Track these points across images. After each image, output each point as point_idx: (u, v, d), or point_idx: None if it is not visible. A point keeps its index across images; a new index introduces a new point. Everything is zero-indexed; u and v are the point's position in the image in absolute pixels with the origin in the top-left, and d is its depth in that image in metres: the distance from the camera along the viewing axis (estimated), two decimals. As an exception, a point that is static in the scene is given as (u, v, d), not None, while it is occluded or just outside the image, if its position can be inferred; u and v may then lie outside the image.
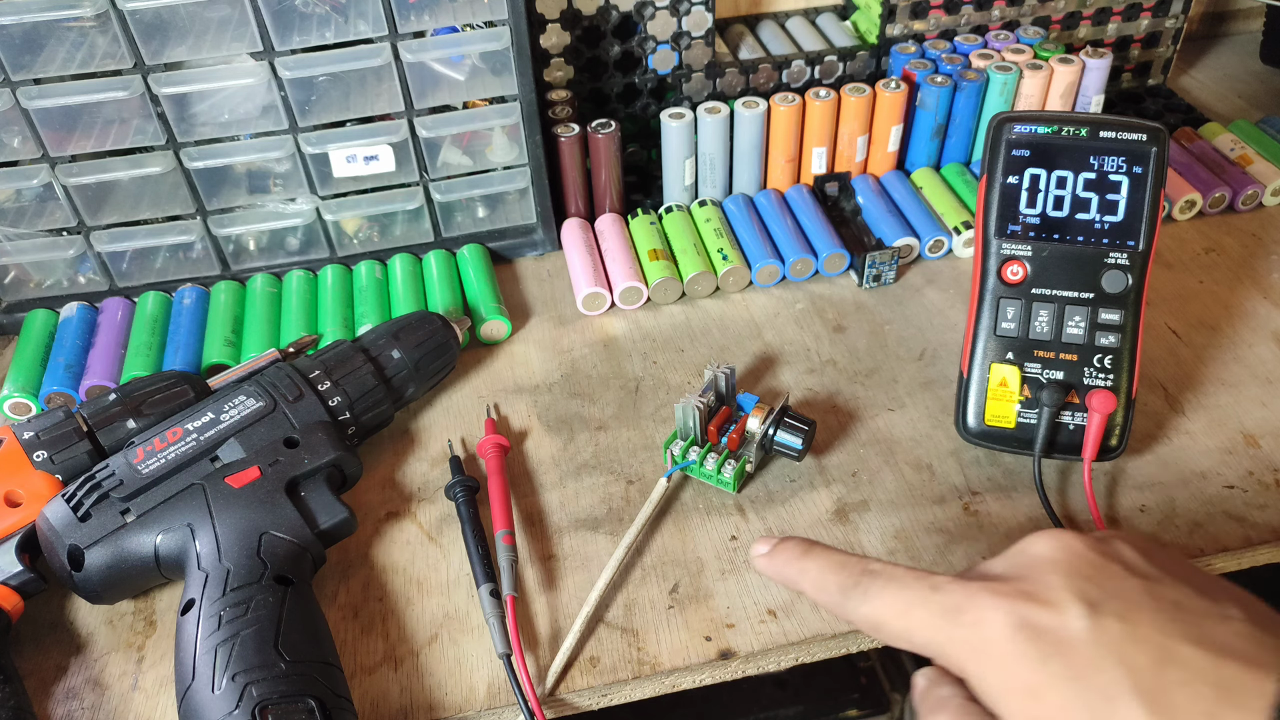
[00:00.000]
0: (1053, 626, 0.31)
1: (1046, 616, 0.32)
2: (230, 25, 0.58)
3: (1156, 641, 0.31)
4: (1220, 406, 0.57)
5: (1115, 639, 0.31)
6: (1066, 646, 0.31)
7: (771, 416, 0.53)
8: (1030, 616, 0.32)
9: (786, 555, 0.39)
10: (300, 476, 0.50)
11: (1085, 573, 0.33)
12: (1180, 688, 0.30)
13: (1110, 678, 0.30)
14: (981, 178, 0.53)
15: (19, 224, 0.63)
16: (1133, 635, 0.31)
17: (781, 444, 0.53)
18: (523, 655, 0.46)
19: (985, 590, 0.33)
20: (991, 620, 0.32)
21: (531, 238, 0.71)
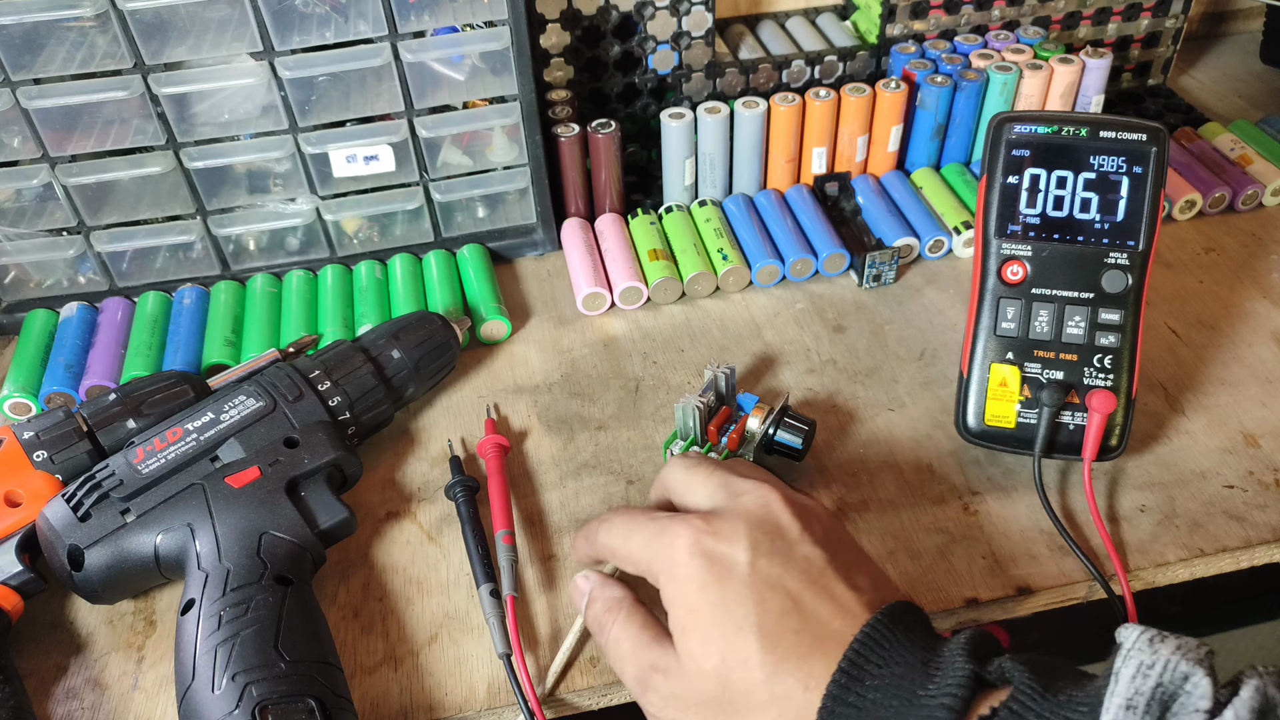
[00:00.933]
0: (721, 557, 0.39)
1: (720, 548, 0.40)
2: (230, 25, 0.58)
3: (791, 591, 0.39)
4: (1220, 406, 0.57)
5: (761, 580, 0.39)
6: (725, 576, 0.39)
7: (771, 416, 0.53)
8: (708, 544, 0.40)
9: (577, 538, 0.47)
10: (300, 476, 0.50)
11: (767, 527, 0.41)
12: (791, 634, 0.38)
13: (744, 611, 0.38)
14: (981, 178, 0.53)
15: (19, 224, 0.63)
16: (774, 580, 0.39)
17: (782, 443, 0.53)
18: (523, 655, 0.46)
19: (682, 519, 0.41)
20: (680, 541, 0.40)
21: (531, 238, 0.71)
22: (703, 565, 0.39)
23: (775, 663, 0.37)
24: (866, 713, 0.36)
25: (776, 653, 0.38)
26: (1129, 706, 0.32)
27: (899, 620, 0.39)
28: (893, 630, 0.38)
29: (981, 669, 0.36)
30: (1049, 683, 0.35)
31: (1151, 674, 0.33)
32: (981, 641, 0.38)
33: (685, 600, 0.40)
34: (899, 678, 0.36)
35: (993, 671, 0.36)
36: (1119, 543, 0.50)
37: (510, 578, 0.48)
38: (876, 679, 0.36)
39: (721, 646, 0.38)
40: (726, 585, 0.39)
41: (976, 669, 0.36)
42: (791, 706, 0.37)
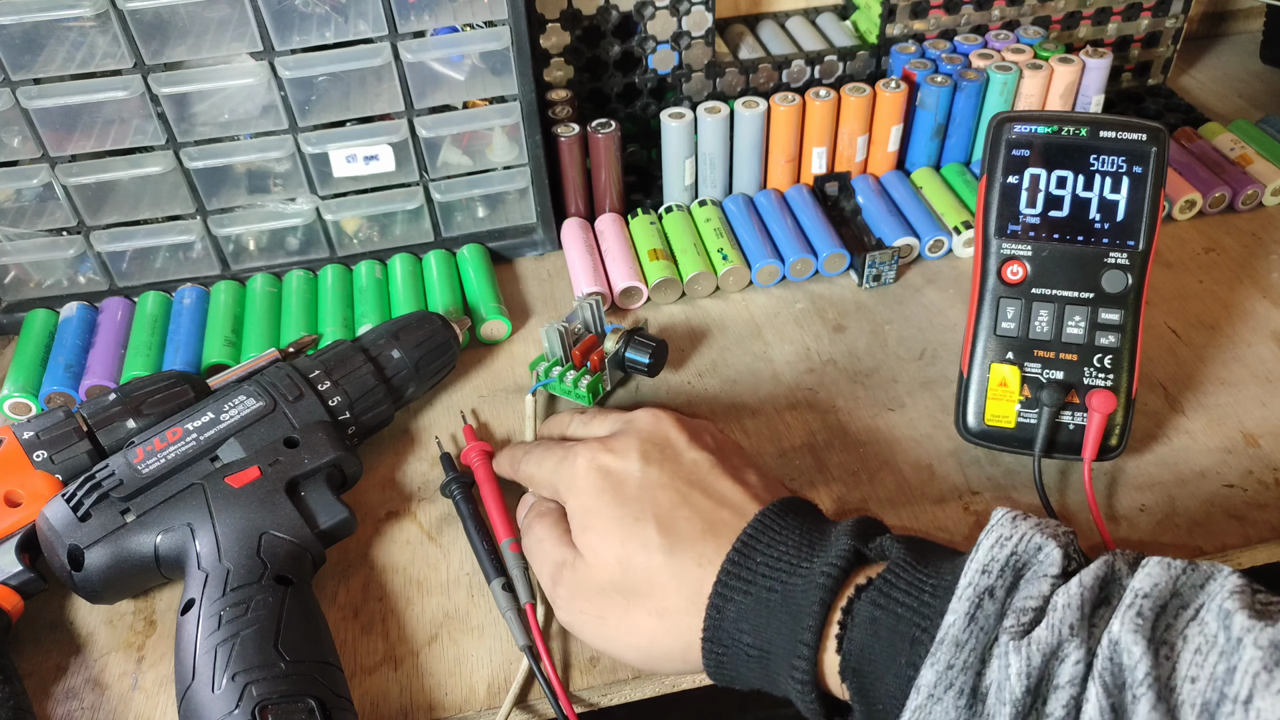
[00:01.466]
0: (614, 468, 0.45)
1: (614, 462, 0.45)
2: (230, 25, 0.58)
3: (681, 489, 0.43)
4: (1220, 406, 0.57)
5: (653, 483, 0.44)
6: (619, 484, 0.44)
7: (623, 337, 0.58)
8: (604, 461, 0.45)
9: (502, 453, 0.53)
10: (300, 476, 0.50)
11: (656, 440, 0.46)
12: (684, 521, 0.42)
13: (640, 507, 0.43)
14: (981, 177, 0.53)
15: (19, 224, 0.63)
16: (665, 482, 0.44)
17: (632, 359, 0.58)
18: (550, 658, 0.46)
19: (583, 444, 0.47)
20: (580, 461, 0.46)
21: (531, 238, 0.71)
22: (599, 476, 0.45)
23: (671, 545, 0.42)
24: (755, 584, 0.40)
25: (672, 536, 0.42)
26: (984, 571, 0.36)
27: (790, 509, 0.42)
28: (783, 516, 0.42)
29: (863, 545, 0.40)
30: (921, 556, 0.38)
31: (1008, 544, 0.37)
32: (866, 523, 0.41)
33: (584, 505, 0.45)
34: (785, 554, 0.40)
35: (873, 548, 0.40)
36: (1119, 542, 0.50)
37: (525, 585, 0.48)
38: (765, 555, 0.40)
39: (620, 535, 0.43)
40: (621, 489, 0.44)
41: (857, 545, 0.39)
42: (688, 582, 0.41)
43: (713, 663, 0.41)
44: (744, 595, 0.40)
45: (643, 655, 0.43)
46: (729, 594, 0.40)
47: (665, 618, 0.41)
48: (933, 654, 0.34)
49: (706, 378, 0.61)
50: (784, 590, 0.39)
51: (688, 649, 0.41)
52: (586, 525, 0.44)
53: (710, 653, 0.40)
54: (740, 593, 0.40)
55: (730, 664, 0.40)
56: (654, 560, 0.42)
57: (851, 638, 0.37)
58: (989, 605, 0.35)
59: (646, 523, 0.42)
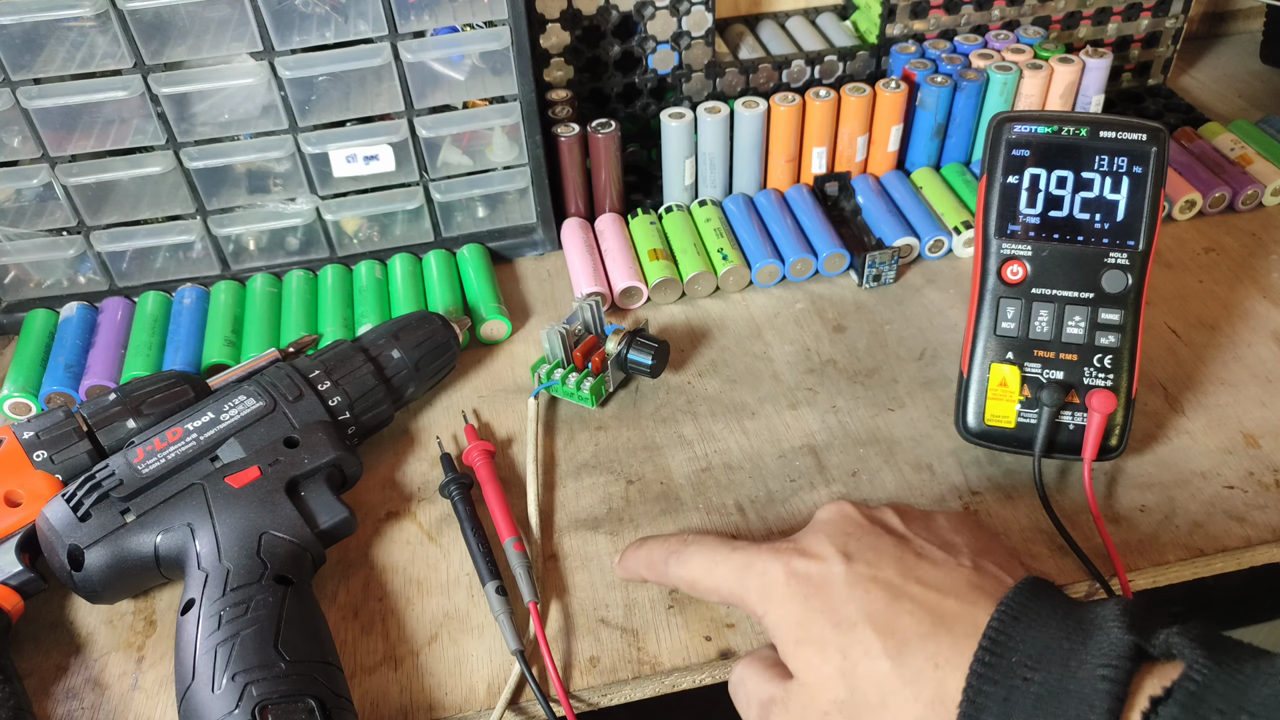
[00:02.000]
0: (815, 573, 0.40)
1: (813, 566, 0.40)
2: (230, 25, 0.58)
3: (894, 583, 0.39)
4: (1220, 406, 0.57)
5: (861, 580, 0.39)
6: (824, 587, 0.39)
7: (625, 338, 0.58)
8: (800, 566, 0.40)
9: (629, 554, 0.48)
10: (300, 476, 0.50)
11: (848, 531, 0.41)
12: (906, 616, 0.37)
13: (852, 609, 0.38)
14: (981, 178, 0.53)
15: (19, 224, 0.63)
16: (875, 578, 0.39)
17: (634, 361, 0.58)
18: (552, 659, 0.46)
19: (769, 548, 0.42)
20: (772, 570, 0.40)
21: (531, 238, 0.71)
22: (800, 584, 0.40)
23: (898, 646, 0.37)
24: (1014, 686, 0.34)
25: (896, 637, 0.37)
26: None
27: (1036, 592, 0.37)
28: (1032, 602, 0.36)
29: (1144, 640, 0.34)
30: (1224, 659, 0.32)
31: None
32: (1135, 608, 0.35)
33: (792, 619, 0.39)
34: (1046, 648, 0.34)
35: (1156, 645, 0.34)
36: (1119, 542, 0.50)
37: (529, 584, 0.48)
38: (1020, 651, 0.35)
39: (840, 646, 0.38)
40: (828, 592, 0.39)
41: (1136, 639, 0.34)
42: (927, 687, 0.36)
43: None
44: (999, 700, 0.34)
45: None
46: (983, 700, 0.34)
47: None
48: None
49: (706, 378, 0.61)
50: (1052, 693, 0.33)
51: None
52: (800, 639, 0.39)
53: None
54: (995, 698, 0.34)
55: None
56: (880, 667, 0.36)
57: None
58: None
59: (864, 626, 0.37)
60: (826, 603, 0.39)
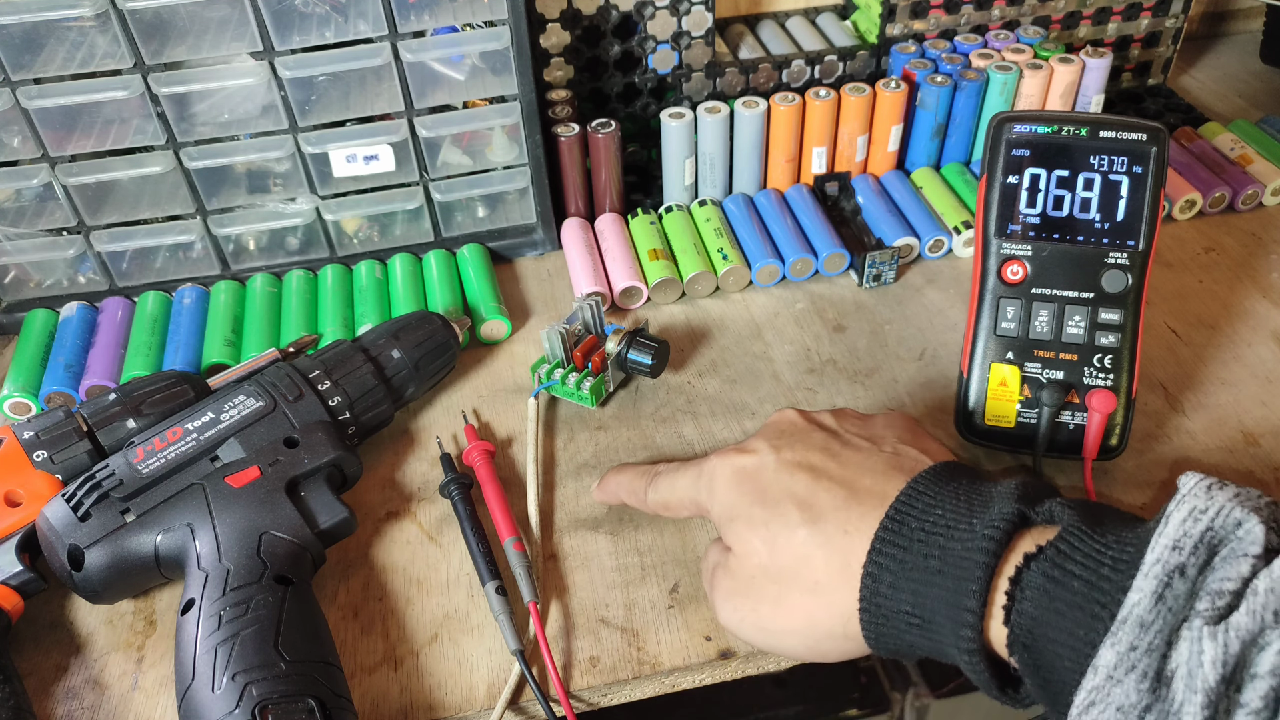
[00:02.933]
0: (750, 464, 0.44)
1: (748, 459, 0.44)
2: (230, 25, 0.58)
3: (816, 465, 0.42)
4: (1220, 406, 0.57)
5: (787, 465, 0.43)
6: (756, 474, 0.43)
7: (625, 338, 0.58)
8: (738, 460, 0.44)
9: (609, 479, 0.51)
10: (300, 476, 0.50)
11: (784, 429, 0.46)
12: (824, 493, 0.41)
13: (778, 490, 0.42)
14: (981, 177, 0.53)
15: (19, 224, 0.63)
16: (799, 462, 0.43)
17: (634, 361, 0.58)
18: (552, 659, 0.46)
19: (716, 454, 0.46)
20: (718, 469, 0.45)
21: (531, 237, 0.71)
22: (736, 475, 0.44)
23: (814, 517, 0.41)
24: (910, 549, 0.38)
25: (813, 510, 0.41)
26: (1175, 547, 0.33)
27: (946, 472, 0.41)
28: (938, 479, 0.40)
29: (1029, 509, 0.37)
30: (1097, 523, 0.35)
31: (1203, 518, 0.33)
32: (1031, 485, 0.39)
33: (727, 505, 0.44)
34: (942, 517, 0.38)
35: (1040, 512, 0.37)
36: (1119, 542, 0.50)
37: (529, 584, 0.48)
38: (919, 520, 0.39)
39: (764, 519, 0.42)
40: (758, 479, 0.43)
41: (1023, 508, 0.37)
42: (836, 551, 0.40)
43: (873, 634, 0.39)
44: (899, 562, 0.38)
45: (804, 640, 0.41)
46: (883, 561, 0.38)
47: (819, 594, 0.40)
48: (1113, 633, 0.32)
49: (706, 378, 0.61)
50: (942, 554, 0.37)
51: (846, 623, 0.40)
52: (733, 517, 0.43)
53: (869, 624, 0.39)
54: (895, 560, 0.38)
55: (891, 634, 0.39)
56: (797, 536, 0.41)
57: (1021, 610, 0.35)
58: (1179, 585, 0.32)
59: (786, 503, 0.42)
60: (756, 486, 0.43)
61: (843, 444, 0.44)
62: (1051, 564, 0.35)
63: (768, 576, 0.42)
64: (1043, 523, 0.37)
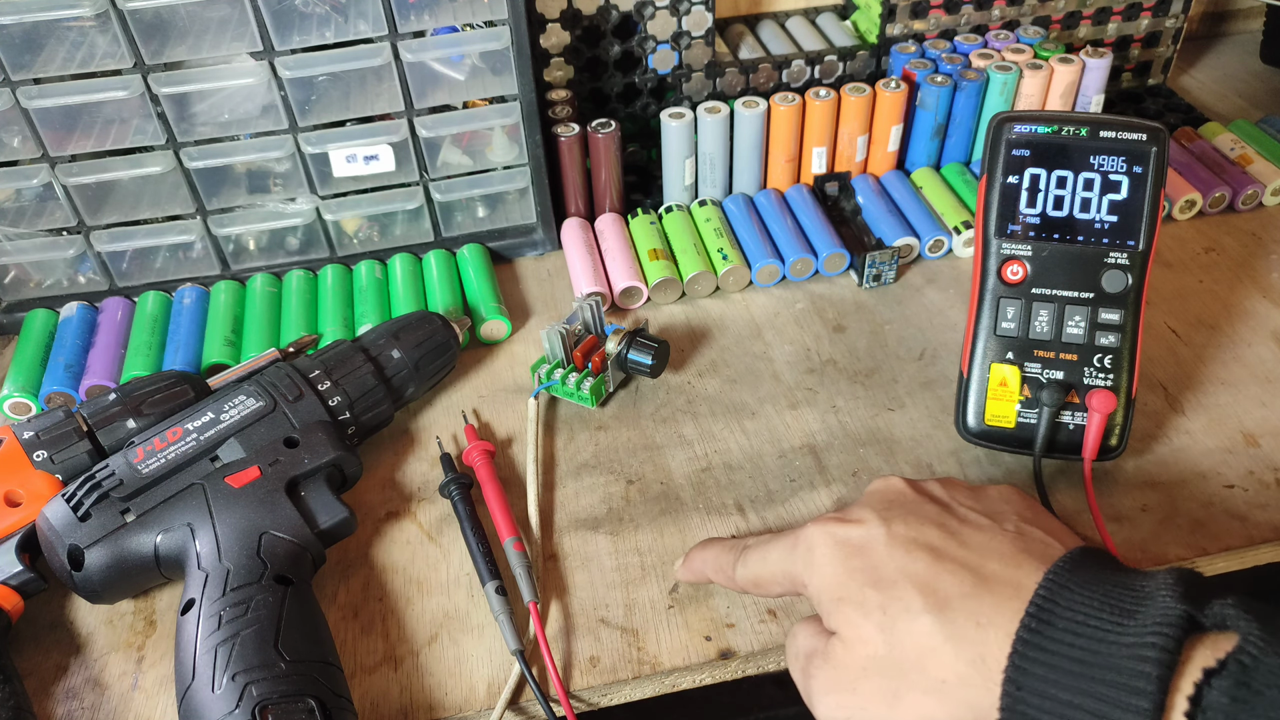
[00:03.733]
0: (856, 537, 0.40)
1: (854, 530, 0.40)
2: (230, 25, 0.58)
3: (935, 545, 0.38)
4: (1220, 406, 0.57)
5: (901, 542, 0.39)
6: (865, 550, 0.39)
7: (625, 338, 0.58)
8: (841, 532, 0.40)
9: (695, 556, 0.47)
10: (300, 476, 0.50)
11: (892, 499, 0.42)
12: (948, 576, 0.37)
13: (893, 569, 0.38)
14: (981, 177, 0.53)
15: (19, 224, 0.63)
16: (915, 540, 0.39)
17: (634, 361, 0.58)
18: (552, 659, 0.46)
19: (814, 522, 0.42)
20: (817, 540, 0.41)
21: (531, 237, 0.71)
22: (841, 548, 0.40)
23: (939, 605, 0.36)
24: (1059, 652, 0.34)
25: (938, 596, 0.36)
26: None
27: (1085, 561, 0.36)
28: (1079, 570, 0.36)
29: (1196, 610, 0.33)
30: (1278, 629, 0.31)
31: None
32: (1187, 578, 0.35)
33: (832, 580, 0.39)
34: (1094, 614, 0.34)
35: (1210, 615, 0.33)
36: (1120, 542, 0.50)
37: (529, 584, 0.48)
38: (1067, 616, 0.34)
39: (879, 603, 0.37)
40: (869, 554, 0.39)
41: (1189, 610, 0.33)
42: (968, 645, 0.35)
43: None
44: (1047, 666, 0.33)
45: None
46: (1027, 665, 0.34)
47: (945, 694, 0.35)
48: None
49: (706, 378, 0.61)
50: (1101, 660, 0.33)
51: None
52: (840, 599, 0.39)
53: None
54: (1042, 664, 0.33)
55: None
56: (920, 625, 0.36)
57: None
58: None
59: (904, 585, 0.37)
60: (867, 563, 0.39)
61: (960, 521, 0.40)
62: (1237, 683, 0.31)
63: (882, 671, 0.37)
64: (1213, 628, 0.33)
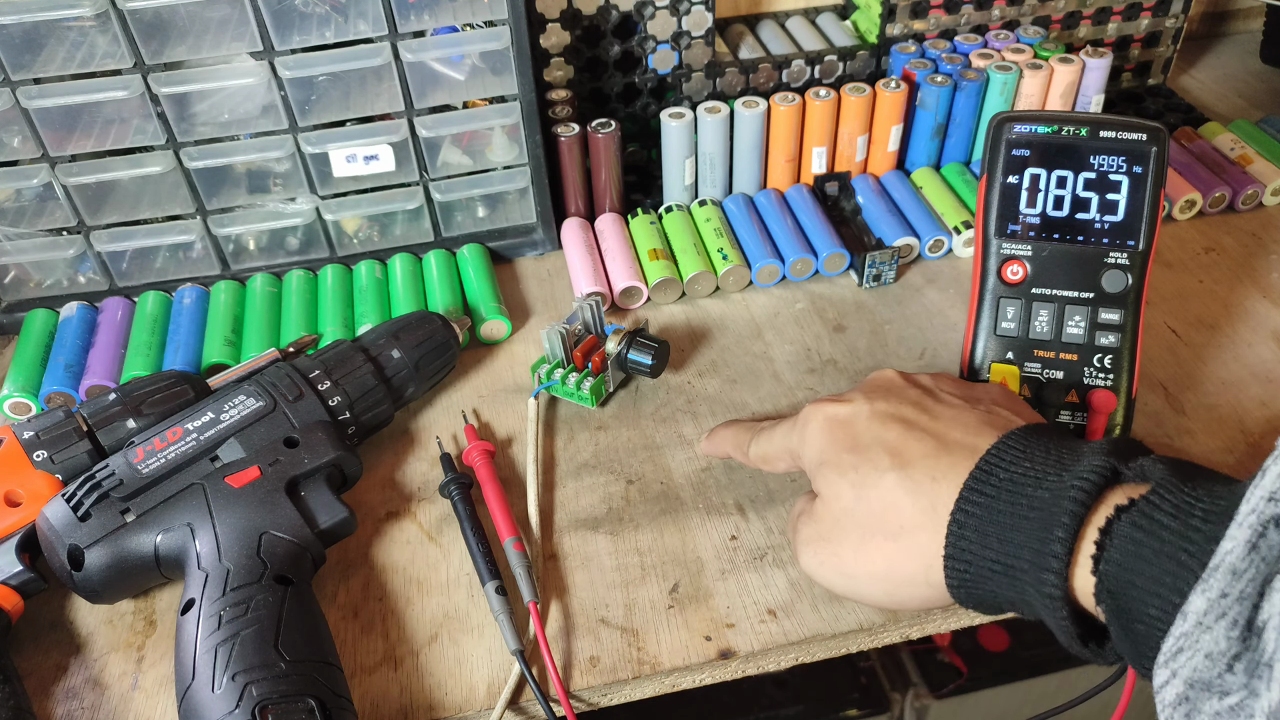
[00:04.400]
0: (843, 413, 0.45)
1: (842, 408, 0.45)
2: (230, 25, 0.58)
3: (909, 418, 0.44)
4: (1220, 406, 0.57)
5: (880, 416, 0.44)
6: (849, 423, 0.45)
7: (625, 338, 0.58)
8: (831, 409, 0.46)
9: (717, 434, 0.54)
10: (300, 476, 0.50)
11: (881, 385, 0.47)
12: (914, 442, 0.42)
13: (869, 438, 0.43)
14: (981, 177, 0.53)
15: (19, 224, 0.63)
16: (892, 414, 0.44)
17: (634, 361, 0.58)
18: (552, 659, 0.46)
19: (811, 404, 0.47)
20: (811, 416, 0.46)
21: (531, 237, 0.71)
22: (829, 424, 0.45)
23: (903, 464, 0.41)
24: (998, 498, 0.39)
25: (902, 458, 0.42)
26: (1272, 499, 0.32)
27: (1037, 429, 0.41)
28: (1029, 435, 0.41)
29: (1121, 464, 0.38)
30: (1189, 478, 0.36)
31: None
32: (1124, 442, 0.39)
33: (818, 450, 0.45)
34: (1032, 469, 0.39)
35: (1132, 468, 0.38)
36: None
37: (529, 584, 0.48)
38: (1009, 470, 0.39)
39: (853, 464, 0.43)
40: (850, 428, 0.44)
41: (1114, 462, 0.37)
42: (923, 496, 0.40)
43: (955, 580, 0.40)
44: (986, 509, 0.39)
45: (884, 586, 0.42)
46: (970, 508, 0.39)
47: (902, 538, 0.41)
48: (1205, 580, 0.32)
49: (706, 378, 0.61)
50: (1030, 502, 0.38)
51: (929, 570, 0.40)
52: (820, 464, 0.44)
53: (953, 570, 0.40)
54: (982, 506, 0.39)
55: (974, 581, 0.39)
56: (885, 480, 0.41)
57: (1109, 559, 0.36)
58: (1274, 535, 0.32)
59: (876, 449, 0.43)
60: (848, 433, 0.44)
61: (936, 400, 0.45)
62: (1142, 515, 0.35)
63: (852, 520, 0.42)
64: (1135, 479, 0.38)
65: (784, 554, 0.50)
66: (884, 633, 0.48)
